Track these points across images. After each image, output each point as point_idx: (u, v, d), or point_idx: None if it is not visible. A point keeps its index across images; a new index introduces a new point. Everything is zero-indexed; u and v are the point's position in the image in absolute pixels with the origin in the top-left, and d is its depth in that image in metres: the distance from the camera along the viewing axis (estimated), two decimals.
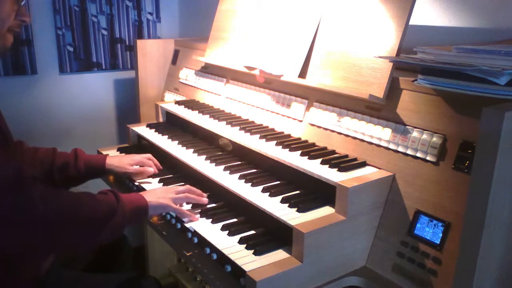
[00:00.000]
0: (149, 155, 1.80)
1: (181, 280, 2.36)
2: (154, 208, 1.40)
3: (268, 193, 1.39)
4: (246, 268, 1.16)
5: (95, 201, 1.27)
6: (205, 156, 1.68)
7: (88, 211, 1.23)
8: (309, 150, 1.48)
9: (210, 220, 1.42)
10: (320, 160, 1.41)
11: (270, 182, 1.47)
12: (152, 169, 1.74)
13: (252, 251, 1.25)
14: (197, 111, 1.98)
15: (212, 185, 1.54)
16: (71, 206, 1.20)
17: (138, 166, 1.76)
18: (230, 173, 1.54)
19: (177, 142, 1.85)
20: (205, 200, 1.50)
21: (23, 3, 1.24)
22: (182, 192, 1.47)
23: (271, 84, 1.81)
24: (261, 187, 1.43)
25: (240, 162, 1.64)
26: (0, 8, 1.18)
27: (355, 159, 1.42)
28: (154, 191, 1.47)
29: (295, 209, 1.30)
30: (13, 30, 1.25)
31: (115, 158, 1.75)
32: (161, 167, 1.79)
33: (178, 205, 1.44)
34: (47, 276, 1.37)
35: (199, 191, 1.52)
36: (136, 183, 1.70)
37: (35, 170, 1.60)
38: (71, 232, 1.20)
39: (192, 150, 1.75)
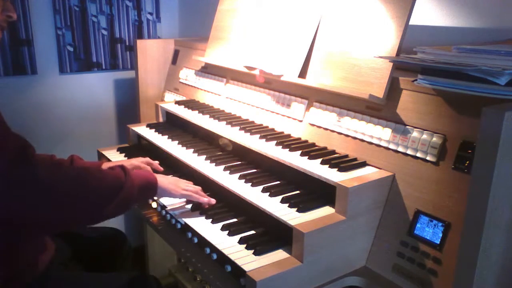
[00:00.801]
0: (146, 159, 1.77)
1: (181, 280, 2.36)
2: (163, 190, 1.42)
3: (268, 193, 1.39)
4: (246, 268, 1.16)
5: (103, 174, 1.27)
6: (205, 156, 1.68)
7: (94, 183, 1.22)
8: (309, 150, 1.48)
9: (210, 220, 1.42)
10: (320, 160, 1.41)
11: (270, 182, 1.47)
12: None
13: (252, 251, 1.25)
14: (197, 111, 1.98)
15: (212, 185, 1.54)
16: (77, 177, 1.19)
17: None
18: (230, 173, 1.54)
19: (177, 142, 1.85)
20: (212, 201, 1.51)
21: None
22: (192, 187, 1.51)
23: (271, 84, 1.81)
24: (261, 187, 1.43)
25: (240, 162, 1.64)
26: None
27: (355, 159, 1.42)
28: (166, 176, 1.50)
29: (295, 209, 1.30)
30: (0, 25, 1.26)
31: (110, 165, 1.72)
32: (161, 169, 1.78)
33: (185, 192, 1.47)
34: (47, 276, 1.37)
35: (207, 196, 1.53)
36: None
37: None
38: (76, 203, 1.18)
39: (192, 150, 1.75)
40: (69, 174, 1.18)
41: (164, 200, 1.55)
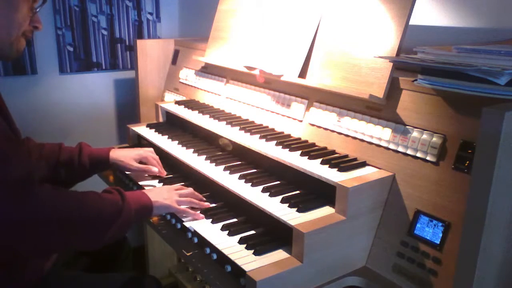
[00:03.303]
0: (151, 149, 1.78)
1: (181, 280, 2.36)
2: (158, 208, 1.42)
3: (268, 193, 1.39)
4: (246, 268, 1.16)
5: (101, 200, 1.27)
6: (205, 156, 1.68)
7: (94, 211, 1.23)
8: (309, 150, 1.48)
9: (210, 220, 1.43)
10: (320, 160, 1.41)
11: (270, 182, 1.47)
12: (156, 169, 1.72)
13: (252, 251, 1.25)
14: (197, 111, 1.98)
15: (212, 185, 1.54)
16: (77, 206, 1.21)
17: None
18: (230, 173, 1.54)
19: (177, 142, 1.85)
20: (206, 204, 1.51)
21: (38, 9, 1.29)
22: (185, 195, 1.49)
23: (271, 84, 1.81)
24: (261, 187, 1.43)
25: (240, 162, 1.64)
26: (18, 12, 1.23)
27: (355, 159, 1.42)
28: (159, 190, 1.48)
29: (295, 209, 1.30)
30: (25, 35, 1.29)
31: (119, 152, 1.73)
32: (164, 172, 1.77)
33: (180, 206, 1.45)
34: (48, 276, 1.37)
35: (200, 195, 1.53)
36: (137, 184, 1.70)
37: (42, 166, 1.60)
38: (77, 231, 1.20)
39: (192, 150, 1.75)
40: (68, 204, 1.19)
41: None
